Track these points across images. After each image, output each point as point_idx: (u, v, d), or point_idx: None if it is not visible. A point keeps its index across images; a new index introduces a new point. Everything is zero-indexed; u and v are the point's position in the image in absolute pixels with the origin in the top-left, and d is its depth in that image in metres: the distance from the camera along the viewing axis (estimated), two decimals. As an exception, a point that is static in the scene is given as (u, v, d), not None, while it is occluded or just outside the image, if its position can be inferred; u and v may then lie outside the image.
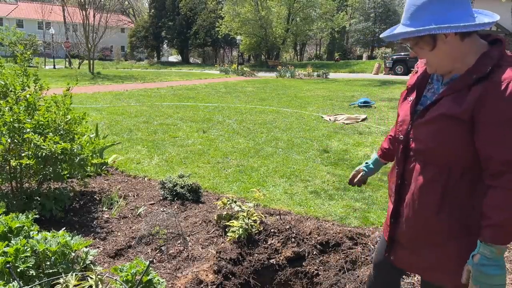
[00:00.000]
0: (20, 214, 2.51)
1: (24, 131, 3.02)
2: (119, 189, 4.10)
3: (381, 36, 1.50)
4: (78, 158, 3.36)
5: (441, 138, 1.39)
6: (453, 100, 1.37)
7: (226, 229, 3.18)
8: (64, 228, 2.91)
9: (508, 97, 1.25)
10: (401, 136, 1.55)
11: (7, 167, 3.24)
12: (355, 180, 1.97)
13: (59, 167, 3.32)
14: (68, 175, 3.50)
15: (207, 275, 2.59)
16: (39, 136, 3.06)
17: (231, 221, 3.17)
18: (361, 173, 1.96)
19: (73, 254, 2.32)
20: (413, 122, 1.50)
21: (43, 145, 3.00)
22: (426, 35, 1.36)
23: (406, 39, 1.41)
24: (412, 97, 1.55)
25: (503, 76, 1.28)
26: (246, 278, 2.75)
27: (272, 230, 3.16)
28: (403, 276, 2.57)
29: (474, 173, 1.38)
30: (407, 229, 1.55)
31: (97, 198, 3.85)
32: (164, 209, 3.59)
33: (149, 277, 2.07)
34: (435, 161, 1.42)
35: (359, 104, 11.17)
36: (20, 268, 2.06)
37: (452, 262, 1.46)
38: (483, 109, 1.29)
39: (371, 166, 1.96)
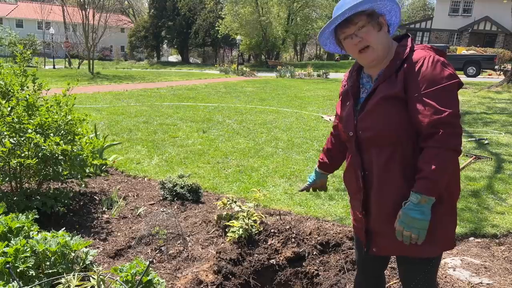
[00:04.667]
0: (20, 214, 2.51)
1: (25, 131, 3.02)
2: (119, 189, 4.09)
3: (334, 15, 1.58)
4: (78, 158, 3.35)
5: (386, 119, 1.55)
6: (388, 84, 1.56)
7: (226, 229, 3.18)
8: (64, 228, 2.90)
9: (424, 71, 1.49)
10: (350, 132, 1.67)
11: (7, 167, 3.24)
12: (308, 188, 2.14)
13: (59, 167, 3.32)
14: (68, 175, 3.50)
15: (207, 275, 2.59)
16: (40, 136, 3.06)
17: (231, 221, 3.16)
18: (306, 185, 2.12)
19: (72, 254, 2.32)
20: (357, 117, 1.64)
21: (44, 146, 2.99)
22: (375, 17, 1.55)
23: (359, 17, 1.54)
24: (350, 101, 1.71)
25: (418, 56, 1.53)
26: (246, 278, 2.75)
27: (272, 230, 3.16)
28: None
29: None
30: (380, 213, 1.63)
31: (97, 198, 3.85)
32: (164, 209, 3.58)
33: (149, 278, 2.07)
34: (387, 143, 1.56)
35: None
36: (20, 268, 2.05)
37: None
38: (410, 84, 1.51)
39: (313, 177, 2.11)
